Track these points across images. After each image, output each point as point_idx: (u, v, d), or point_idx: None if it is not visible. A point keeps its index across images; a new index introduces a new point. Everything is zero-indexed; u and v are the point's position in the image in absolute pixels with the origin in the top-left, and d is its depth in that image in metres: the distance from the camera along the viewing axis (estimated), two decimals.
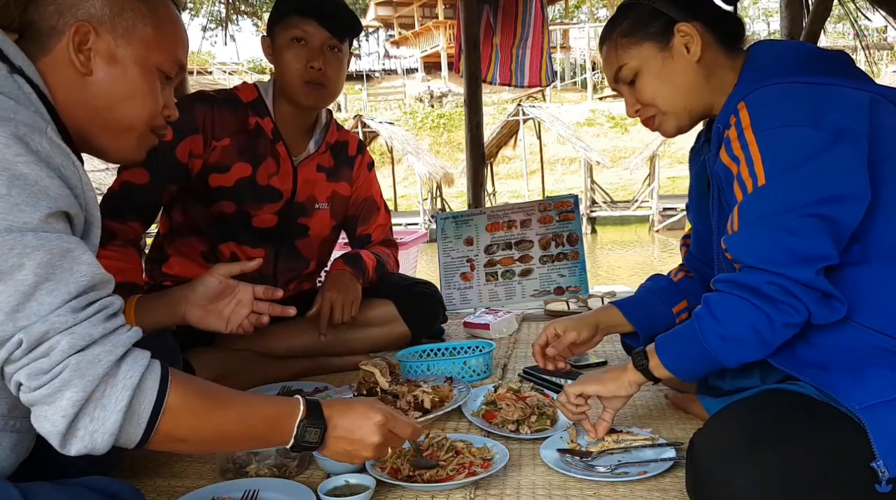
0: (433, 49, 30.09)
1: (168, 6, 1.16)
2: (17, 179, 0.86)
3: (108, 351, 0.89)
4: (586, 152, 16.80)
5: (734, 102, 1.24)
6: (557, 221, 2.70)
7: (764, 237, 1.13)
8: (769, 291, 1.11)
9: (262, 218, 2.00)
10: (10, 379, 0.88)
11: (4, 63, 1.00)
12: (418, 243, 7.02)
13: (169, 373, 0.96)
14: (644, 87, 1.37)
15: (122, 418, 0.90)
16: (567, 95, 28.54)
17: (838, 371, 1.10)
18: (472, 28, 4.39)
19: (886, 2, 3.67)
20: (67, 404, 0.87)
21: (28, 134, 0.89)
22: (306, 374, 2.04)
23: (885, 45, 20.87)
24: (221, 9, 4.74)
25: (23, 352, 0.85)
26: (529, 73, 4.94)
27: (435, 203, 18.19)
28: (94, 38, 1.06)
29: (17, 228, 0.85)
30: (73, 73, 1.06)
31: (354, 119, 17.13)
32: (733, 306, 1.16)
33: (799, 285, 1.10)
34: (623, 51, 1.37)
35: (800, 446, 1.04)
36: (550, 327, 1.61)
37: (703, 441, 1.13)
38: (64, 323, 0.87)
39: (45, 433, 0.89)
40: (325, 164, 2.12)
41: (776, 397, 1.18)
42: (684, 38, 1.32)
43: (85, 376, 0.87)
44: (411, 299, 2.20)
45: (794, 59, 1.27)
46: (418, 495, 1.27)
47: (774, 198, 1.14)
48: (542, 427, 1.51)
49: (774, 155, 1.15)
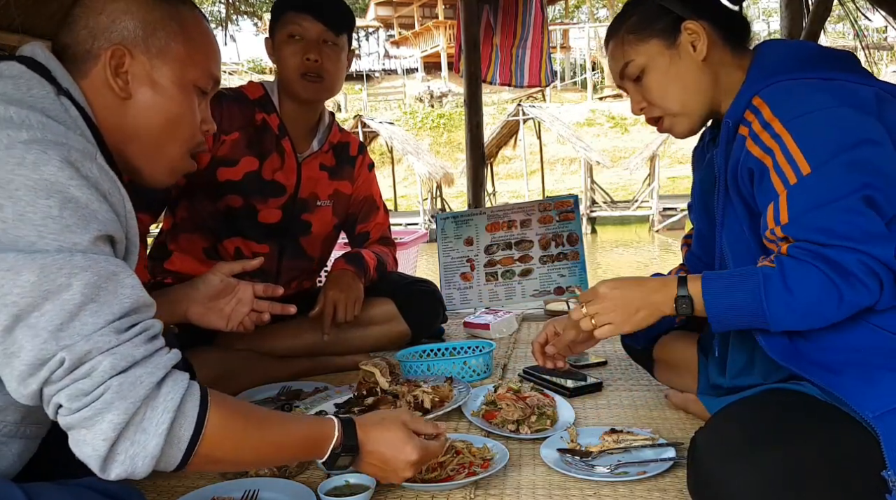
0: (433, 49, 30.08)
1: (199, 20, 1.16)
2: (69, 202, 0.87)
3: (149, 373, 0.89)
4: (586, 152, 16.79)
5: (746, 97, 1.23)
6: (557, 221, 2.70)
7: (837, 218, 1.11)
8: (857, 270, 1.09)
9: (268, 213, 2.02)
10: (48, 401, 0.87)
11: (52, 85, 1.00)
12: (418, 243, 7.02)
13: (208, 394, 0.96)
14: (651, 84, 1.37)
15: (163, 441, 0.89)
16: (567, 94, 28.53)
17: (848, 374, 1.09)
18: (472, 28, 4.39)
19: (886, 2, 3.67)
20: (108, 427, 0.86)
21: (79, 159, 0.90)
22: (306, 374, 2.04)
23: (885, 45, 20.87)
24: (221, 9, 4.74)
25: (64, 371, 0.85)
26: (529, 74, 4.94)
27: (435, 203, 18.18)
28: (129, 61, 1.07)
29: (68, 248, 0.86)
30: (112, 96, 1.07)
31: (354, 119, 17.12)
32: (809, 276, 1.11)
33: (881, 264, 1.09)
34: (630, 47, 1.37)
35: (802, 445, 1.03)
36: (550, 325, 1.61)
37: (705, 440, 1.13)
38: (107, 343, 0.86)
39: (85, 458, 0.88)
40: (328, 163, 2.15)
41: (778, 397, 1.18)
42: (691, 36, 1.32)
43: (126, 398, 0.86)
44: (411, 298, 2.21)
45: (801, 57, 1.27)
46: (418, 495, 1.27)
47: (827, 184, 1.13)
48: (542, 427, 1.51)
49: (811, 141, 1.14)
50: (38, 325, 0.84)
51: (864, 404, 1.04)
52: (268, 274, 2.05)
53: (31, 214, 0.85)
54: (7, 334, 0.84)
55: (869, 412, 1.03)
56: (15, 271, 0.83)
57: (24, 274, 0.83)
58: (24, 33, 3.10)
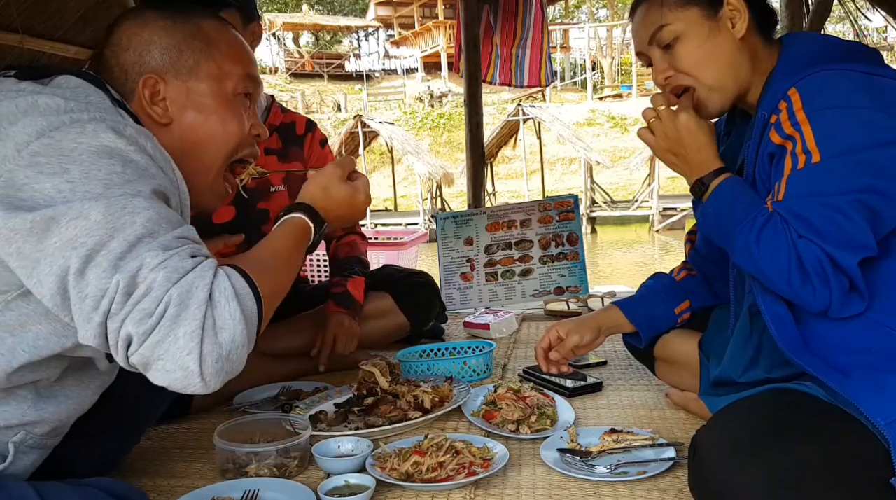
0: (433, 49, 30.09)
1: (222, 30, 1.17)
2: (129, 162, 0.93)
3: (200, 276, 0.90)
4: (586, 152, 16.80)
5: (783, 88, 1.22)
6: (557, 221, 2.70)
7: (818, 212, 1.12)
8: (810, 265, 1.11)
9: (220, 213, 1.99)
10: (116, 339, 0.87)
11: (108, 95, 1.04)
12: (418, 243, 7.01)
13: (237, 267, 0.97)
14: (685, 53, 1.33)
15: (243, 326, 0.91)
16: (567, 95, 28.54)
17: (858, 376, 1.09)
18: (472, 28, 4.39)
19: (886, 2, 3.67)
20: (186, 340, 0.86)
21: (136, 138, 0.96)
22: (306, 374, 2.03)
23: (885, 45, 20.86)
24: None
25: (122, 296, 0.85)
26: (529, 74, 4.94)
27: (435, 203, 18.18)
28: (164, 88, 1.09)
29: (132, 193, 0.91)
30: (154, 125, 1.09)
31: (354, 119, 17.13)
32: (778, 247, 1.15)
33: (839, 270, 1.10)
34: (669, 10, 1.32)
35: (805, 445, 1.03)
36: (553, 330, 1.60)
37: (707, 438, 1.12)
38: (155, 258, 0.87)
39: (180, 385, 0.88)
40: (273, 146, 2.11)
41: (781, 397, 1.17)
42: (732, 12, 1.30)
43: (189, 306, 0.87)
44: (407, 290, 2.22)
45: (834, 49, 1.27)
46: (418, 495, 1.27)
47: (827, 177, 1.13)
48: (542, 427, 1.51)
49: (829, 134, 1.14)
50: (104, 261, 0.86)
51: (875, 410, 1.04)
52: None
53: (96, 171, 0.90)
54: (80, 278, 0.86)
55: (881, 419, 1.02)
56: (83, 216, 0.87)
57: (91, 216, 0.87)
58: (24, 33, 3.11)
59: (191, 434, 1.63)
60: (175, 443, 1.59)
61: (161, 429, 1.66)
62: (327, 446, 1.42)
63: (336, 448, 1.42)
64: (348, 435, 1.47)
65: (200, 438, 1.58)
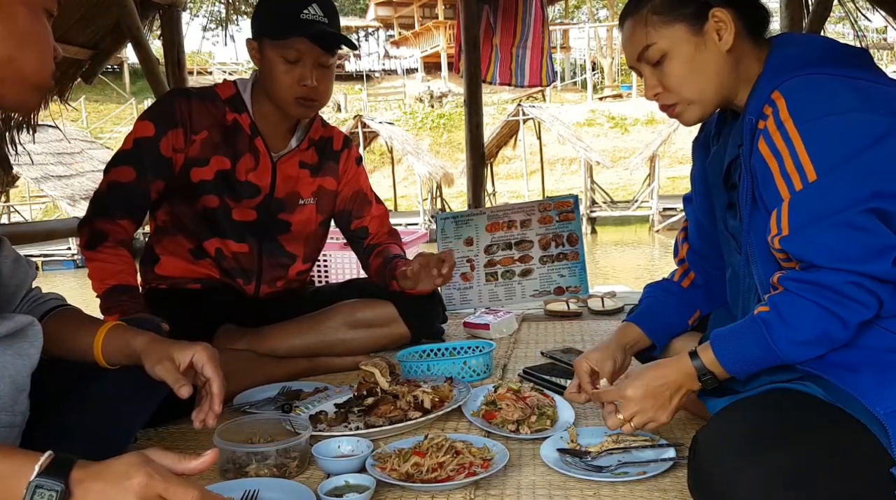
0: (433, 49, 30.08)
1: None
2: None
3: None
4: (586, 152, 16.80)
5: (767, 91, 1.20)
6: (557, 222, 2.70)
7: (833, 235, 1.09)
8: (850, 291, 1.08)
9: (242, 212, 2.00)
10: None
11: None
12: (418, 243, 6.99)
13: None
14: (671, 71, 1.31)
15: None
16: (567, 95, 28.54)
17: (864, 372, 1.09)
18: (472, 28, 4.39)
19: (886, 2, 3.66)
20: None
21: None
22: (306, 374, 2.04)
23: (885, 45, 20.85)
24: (221, 9, 4.74)
25: None
26: (529, 74, 4.93)
27: (435, 203, 18.19)
28: None
29: None
30: None
31: (354, 119, 17.13)
32: (805, 309, 1.11)
33: (876, 281, 1.07)
34: (653, 29, 1.31)
35: (806, 444, 1.03)
36: (582, 364, 1.47)
37: (707, 438, 1.12)
38: None
39: None
40: (309, 160, 2.11)
41: (781, 397, 1.17)
42: (717, 25, 1.28)
43: None
44: (411, 300, 2.19)
45: (821, 51, 1.25)
46: (418, 495, 1.27)
47: (830, 194, 1.10)
48: (542, 427, 1.51)
49: (822, 147, 1.11)
50: None
51: (876, 401, 1.04)
52: (249, 273, 2.06)
53: None
54: None
55: (881, 409, 1.03)
56: None
57: None
58: None
59: (190, 434, 1.63)
60: (175, 443, 1.59)
61: (161, 429, 1.67)
62: (327, 446, 1.42)
63: (336, 449, 1.42)
64: (348, 435, 1.47)
65: (200, 438, 1.58)
